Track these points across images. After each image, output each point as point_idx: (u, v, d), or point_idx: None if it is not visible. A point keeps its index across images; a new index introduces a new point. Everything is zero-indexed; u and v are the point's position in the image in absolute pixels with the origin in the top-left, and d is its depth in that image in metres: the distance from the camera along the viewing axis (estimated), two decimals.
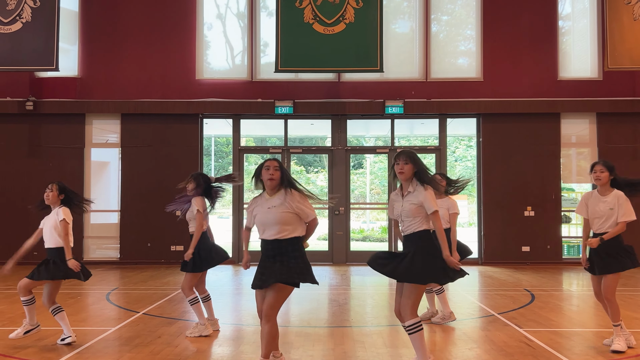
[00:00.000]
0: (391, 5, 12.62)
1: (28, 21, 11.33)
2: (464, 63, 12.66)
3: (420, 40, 12.47)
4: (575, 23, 12.74)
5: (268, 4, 12.64)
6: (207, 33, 12.73)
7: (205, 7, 12.62)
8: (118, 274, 10.75)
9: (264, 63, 12.52)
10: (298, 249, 4.33)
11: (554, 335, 5.85)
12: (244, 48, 12.64)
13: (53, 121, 12.34)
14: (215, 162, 25.68)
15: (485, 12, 12.43)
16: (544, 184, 12.21)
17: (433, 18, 12.60)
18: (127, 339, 5.69)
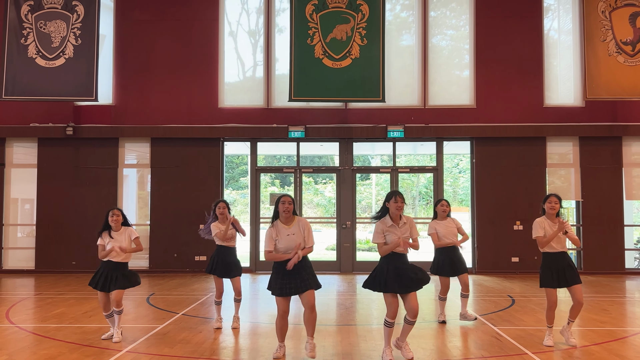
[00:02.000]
0: (392, 41, 14.02)
1: (70, 57, 12.82)
2: (458, 91, 14.01)
3: (418, 72, 13.85)
4: (560, 55, 14.08)
5: (284, 38, 14.07)
6: (228, 65, 14.17)
7: (227, 43, 14.07)
8: (150, 282, 12.13)
9: (279, 92, 13.93)
10: (310, 261, 5.89)
11: (521, 332, 7.16)
12: (261, 79, 14.07)
13: (90, 144, 13.81)
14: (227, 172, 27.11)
15: (478, 45, 13.80)
16: (531, 201, 13.49)
17: (430, 53, 13.96)
18: (175, 334, 7.05)
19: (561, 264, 6.42)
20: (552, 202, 6.51)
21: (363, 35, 12.77)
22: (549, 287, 6.48)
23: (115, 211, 6.87)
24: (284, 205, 5.80)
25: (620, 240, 13.40)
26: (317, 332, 7.10)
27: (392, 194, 5.81)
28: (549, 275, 6.46)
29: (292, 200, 5.87)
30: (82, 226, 13.58)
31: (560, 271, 6.41)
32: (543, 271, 6.53)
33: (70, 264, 13.56)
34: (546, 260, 6.51)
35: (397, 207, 5.74)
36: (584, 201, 13.55)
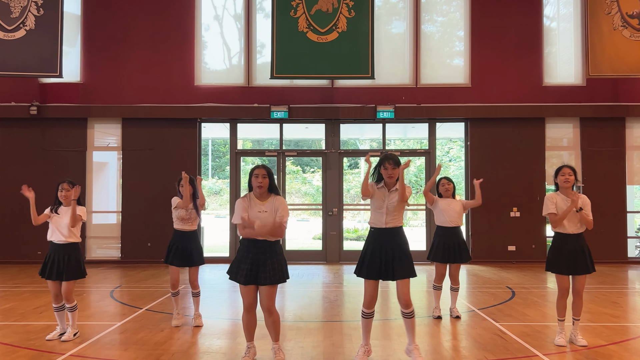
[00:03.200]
0: (382, 14, 13.10)
1: (32, 29, 11.78)
2: (452, 69, 13.14)
3: (410, 48, 12.95)
4: (559, 31, 13.24)
5: (265, 11, 13.09)
6: (205, 40, 13.19)
7: (203, 16, 13.08)
8: (120, 273, 11.21)
9: (260, 69, 12.98)
10: (281, 247, 4.90)
11: (526, 328, 6.34)
12: (240, 55, 13.09)
13: (56, 125, 12.79)
14: (213, 162, 26.14)
15: (473, 20, 12.91)
16: (529, 186, 12.71)
17: (423, 26, 13.07)
18: (133, 332, 6.15)
19: (573, 248, 5.60)
20: (565, 174, 5.69)
21: (350, 6, 11.83)
22: (555, 272, 5.68)
23: (65, 185, 5.95)
24: (257, 179, 4.80)
25: (623, 228, 12.66)
26: (296, 330, 6.25)
27: (382, 159, 4.97)
28: (556, 259, 5.65)
29: (267, 174, 4.82)
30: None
31: (571, 256, 5.59)
32: (551, 253, 5.74)
33: (35, 254, 12.54)
34: (556, 241, 5.72)
35: (388, 175, 4.91)
36: (585, 186, 12.75)
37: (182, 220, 6.51)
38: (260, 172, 4.82)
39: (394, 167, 4.89)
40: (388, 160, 4.91)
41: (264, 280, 4.71)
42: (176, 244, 6.48)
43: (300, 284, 9.93)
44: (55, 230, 5.86)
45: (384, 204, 4.91)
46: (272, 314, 4.82)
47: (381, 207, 4.92)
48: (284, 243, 13.01)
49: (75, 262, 5.85)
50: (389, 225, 4.93)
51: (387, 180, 4.93)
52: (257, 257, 4.74)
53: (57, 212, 5.92)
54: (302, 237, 17.62)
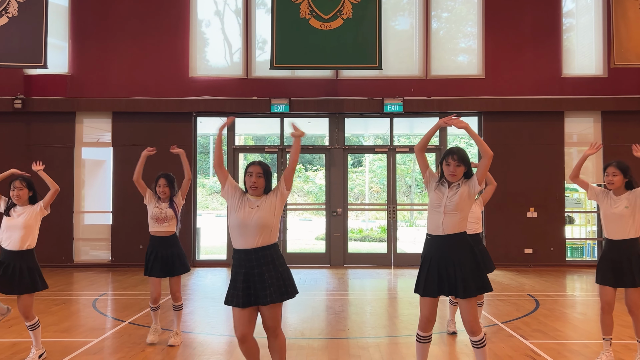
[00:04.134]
0: (390, 0, 12.27)
1: (14, 16, 10.96)
2: (465, 60, 12.32)
3: (420, 37, 12.13)
4: (579, 19, 12.40)
5: (265, 0, 12.29)
6: (201, 29, 12.38)
7: (200, 3, 12.26)
8: (108, 278, 10.43)
9: (260, 60, 12.17)
10: (281, 254, 4.00)
11: (560, 347, 5.53)
12: (239, 45, 12.28)
13: (42, 119, 11.99)
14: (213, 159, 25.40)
15: (487, 7, 12.08)
16: (547, 185, 11.88)
17: (433, 14, 12.25)
18: (108, 353, 5.36)
19: (620, 256, 4.77)
20: (609, 174, 4.88)
21: None
22: (602, 283, 4.86)
23: (17, 183, 5.11)
24: (250, 178, 3.91)
25: None
26: (296, 349, 5.45)
27: (446, 153, 4.13)
28: (604, 269, 4.85)
29: (263, 172, 3.93)
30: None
31: (618, 265, 4.76)
32: (599, 262, 4.92)
33: None
34: (604, 248, 4.91)
35: (450, 172, 4.05)
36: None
37: (156, 221, 5.65)
38: (255, 169, 3.93)
39: (459, 165, 4.03)
40: (452, 155, 4.05)
41: (265, 298, 3.82)
42: (155, 252, 5.64)
43: (302, 291, 9.08)
44: (6, 235, 4.97)
45: (442, 200, 4.06)
46: (278, 337, 3.96)
47: (439, 206, 4.07)
48: (285, 244, 12.20)
49: (32, 271, 4.97)
50: (447, 232, 4.05)
51: (448, 178, 4.08)
52: (251, 270, 3.86)
53: (9, 215, 5.05)
54: (304, 238, 16.82)
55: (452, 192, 4.05)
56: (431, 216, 4.13)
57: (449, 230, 4.03)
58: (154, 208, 5.64)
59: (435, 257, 4.04)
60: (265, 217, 3.84)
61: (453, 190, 4.05)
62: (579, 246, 12.57)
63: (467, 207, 4.08)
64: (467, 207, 4.09)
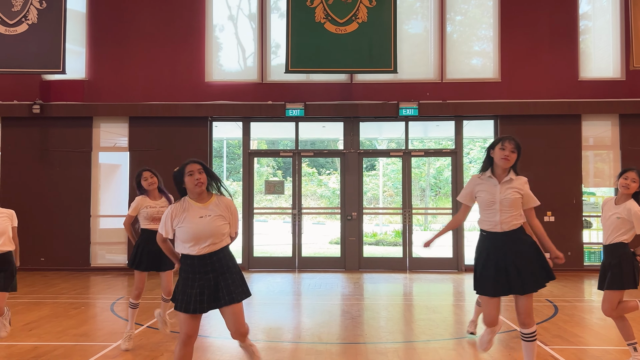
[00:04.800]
0: (405, 4, 12.25)
1: (34, 23, 11.12)
2: (480, 63, 12.26)
3: (435, 40, 12.09)
4: (596, 21, 12.29)
5: (279, 4, 12.31)
6: (217, 35, 12.45)
7: (215, 9, 12.34)
8: (125, 281, 10.49)
9: (275, 64, 12.21)
10: (234, 258, 3.99)
11: (582, 354, 5.47)
12: (254, 49, 12.33)
13: (60, 124, 12.11)
14: (228, 164, 25.50)
15: (503, 10, 12.02)
16: (564, 188, 11.77)
17: (448, 17, 12.21)
18: (127, 358, 5.39)
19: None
20: (628, 178, 4.85)
21: None
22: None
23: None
24: (192, 177, 3.85)
25: None
26: (314, 354, 5.44)
27: (500, 138, 4.24)
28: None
29: (203, 168, 3.91)
30: (52, 218, 11.92)
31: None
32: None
33: (38, 260, 11.88)
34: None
35: (503, 156, 4.13)
36: None
37: (152, 221, 5.65)
38: (194, 167, 3.87)
39: (514, 150, 4.11)
40: (509, 139, 4.14)
41: (227, 299, 3.79)
42: (142, 245, 5.64)
43: (317, 295, 9.13)
44: None
45: (495, 197, 4.06)
46: (244, 336, 3.97)
47: (493, 204, 4.07)
48: (300, 248, 12.17)
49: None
50: (505, 229, 4.06)
51: (500, 162, 4.11)
52: (201, 277, 3.82)
53: None
54: (318, 242, 16.81)
55: (509, 190, 4.07)
56: (484, 213, 4.13)
57: (507, 227, 4.06)
58: (147, 209, 5.63)
59: (492, 254, 4.03)
60: (215, 225, 3.85)
61: (505, 185, 4.06)
62: (597, 250, 12.43)
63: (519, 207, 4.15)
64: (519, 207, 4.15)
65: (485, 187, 4.11)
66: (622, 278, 4.77)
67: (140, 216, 5.68)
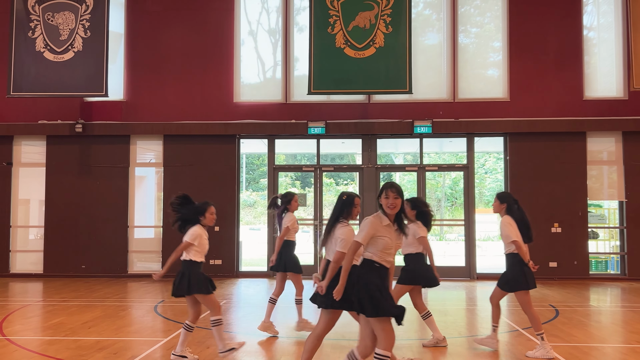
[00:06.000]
0: (417, 26, 13.11)
1: (79, 50, 12.18)
2: (490, 83, 13.06)
3: (447, 62, 12.93)
4: (600, 43, 13.04)
5: (302, 30, 13.25)
6: (244, 58, 13.41)
7: (242, 35, 13.34)
8: (161, 287, 11.40)
9: (297, 85, 13.13)
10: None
11: (573, 350, 6.23)
12: (278, 72, 13.28)
13: (100, 142, 13.16)
14: (247, 174, 26.52)
15: (512, 33, 12.82)
16: (570, 201, 12.49)
17: (460, 40, 13.04)
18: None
19: None
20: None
21: (388, 22, 11.89)
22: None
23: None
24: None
25: None
26: (339, 349, 6.30)
27: (384, 187, 4.49)
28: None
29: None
30: (93, 228, 12.94)
31: None
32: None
33: (80, 268, 12.91)
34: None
35: (389, 204, 4.40)
36: (628, 201, 12.48)
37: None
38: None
39: (397, 197, 4.36)
40: (391, 188, 4.40)
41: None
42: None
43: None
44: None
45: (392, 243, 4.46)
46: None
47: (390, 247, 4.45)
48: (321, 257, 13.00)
49: None
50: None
51: (387, 210, 4.40)
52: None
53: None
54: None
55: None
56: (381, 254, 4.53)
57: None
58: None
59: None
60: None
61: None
62: (604, 260, 13.09)
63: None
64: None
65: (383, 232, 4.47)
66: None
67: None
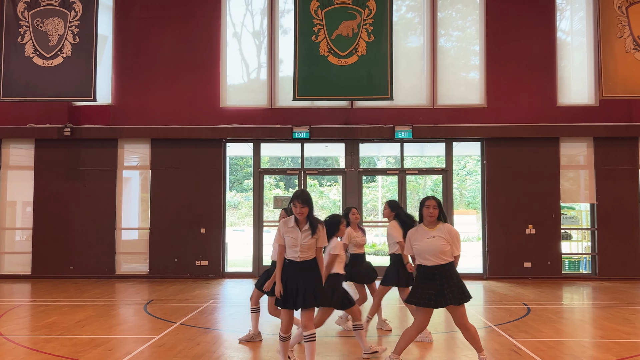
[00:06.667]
0: (399, 41, 13.57)
1: (68, 56, 12.44)
2: (468, 90, 13.55)
3: (427, 66, 13.40)
4: (573, 53, 13.61)
5: (287, 32, 13.64)
6: (230, 64, 13.75)
7: (229, 42, 13.69)
8: (149, 288, 11.72)
9: (283, 91, 13.49)
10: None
11: (540, 344, 6.69)
12: (264, 78, 13.64)
13: (88, 146, 13.41)
14: (231, 175, 26.78)
15: (488, 41, 13.33)
16: (544, 204, 13.03)
17: (442, 44, 13.51)
18: (171, 346, 6.61)
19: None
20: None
21: (370, 31, 12.32)
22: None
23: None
24: (427, 209, 5.41)
25: (637, 245, 12.89)
26: (323, 345, 6.67)
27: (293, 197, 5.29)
28: None
29: (437, 205, 5.41)
30: (80, 230, 13.19)
31: None
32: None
33: (67, 269, 13.16)
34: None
35: (297, 212, 5.25)
36: (599, 204, 13.06)
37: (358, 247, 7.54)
38: (431, 203, 5.40)
39: (304, 206, 5.18)
40: (297, 199, 5.19)
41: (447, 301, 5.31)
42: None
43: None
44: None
45: (297, 242, 5.20)
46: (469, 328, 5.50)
47: (295, 245, 5.21)
48: None
49: None
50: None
51: (297, 216, 5.23)
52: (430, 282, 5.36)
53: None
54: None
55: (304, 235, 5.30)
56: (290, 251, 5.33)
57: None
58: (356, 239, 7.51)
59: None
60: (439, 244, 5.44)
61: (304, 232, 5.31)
62: (576, 260, 13.66)
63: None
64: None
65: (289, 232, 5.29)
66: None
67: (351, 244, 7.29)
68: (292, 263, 5.23)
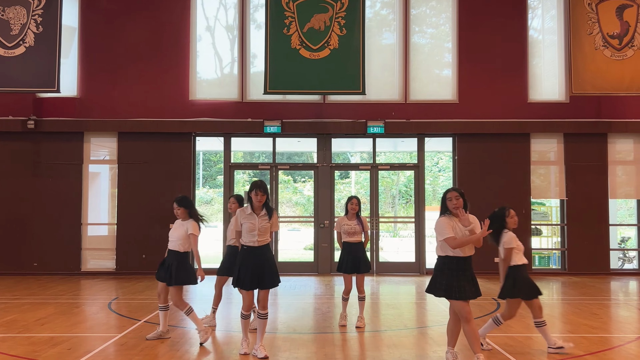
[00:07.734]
0: (373, 37, 13.47)
1: (31, 45, 12.03)
2: (441, 86, 13.53)
3: (399, 63, 13.33)
4: (544, 51, 13.68)
5: (256, 22, 13.43)
6: (200, 55, 13.50)
7: (199, 32, 13.42)
8: (116, 284, 11.43)
9: (254, 85, 13.29)
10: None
11: (508, 339, 6.67)
12: (234, 71, 13.42)
13: (53, 139, 13.02)
14: (204, 171, 26.43)
15: (461, 37, 13.32)
16: (515, 199, 13.05)
17: (415, 40, 13.46)
18: (134, 344, 6.40)
19: None
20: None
21: (342, 24, 12.19)
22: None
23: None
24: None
25: (605, 240, 13.04)
26: (290, 341, 6.56)
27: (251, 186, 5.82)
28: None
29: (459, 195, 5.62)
30: (45, 225, 12.81)
31: None
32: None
33: (31, 266, 12.76)
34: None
35: (257, 200, 5.77)
36: (569, 200, 13.18)
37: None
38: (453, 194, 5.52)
39: (264, 194, 5.72)
40: (258, 188, 5.72)
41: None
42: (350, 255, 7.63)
43: (292, 295, 10.22)
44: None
45: (255, 226, 5.73)
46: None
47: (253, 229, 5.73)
48: (276, 253, 13.27)
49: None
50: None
51: (255, 203, 5.76)
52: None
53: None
54: (293, 248, 17.88)
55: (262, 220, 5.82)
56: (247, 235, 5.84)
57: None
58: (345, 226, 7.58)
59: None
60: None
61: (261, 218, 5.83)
62: (546, 255, 13.77)
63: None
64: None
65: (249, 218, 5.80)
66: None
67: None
68: (251, 249, 5.75)
